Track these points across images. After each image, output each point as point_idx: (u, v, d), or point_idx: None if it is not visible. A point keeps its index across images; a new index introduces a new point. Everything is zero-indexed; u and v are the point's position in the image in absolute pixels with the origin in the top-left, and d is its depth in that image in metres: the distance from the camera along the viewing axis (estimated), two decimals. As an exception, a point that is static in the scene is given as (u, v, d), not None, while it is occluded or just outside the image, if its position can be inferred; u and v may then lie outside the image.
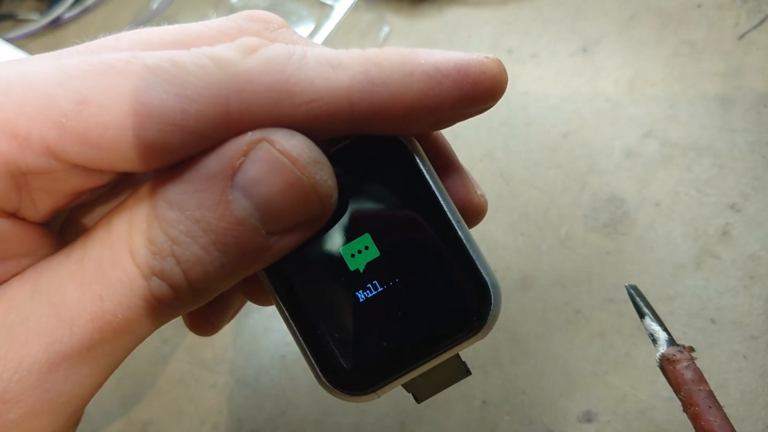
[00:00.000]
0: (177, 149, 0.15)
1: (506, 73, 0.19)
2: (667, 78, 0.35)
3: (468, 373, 0.19)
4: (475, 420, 0.28)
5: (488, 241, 0.32)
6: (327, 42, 0.39)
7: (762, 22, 0.35)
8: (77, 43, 0.17)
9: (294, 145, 0.15)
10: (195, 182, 0.15)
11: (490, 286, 0.18)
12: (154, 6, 0.43)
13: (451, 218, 0.18)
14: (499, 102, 0.29)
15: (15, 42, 0.50)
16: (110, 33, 0.18)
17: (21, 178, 0.15)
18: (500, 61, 0.19)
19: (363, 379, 0.18)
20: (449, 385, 0.19)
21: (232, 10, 0.44)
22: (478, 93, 0.18)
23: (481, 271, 0.19)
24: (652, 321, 0.21)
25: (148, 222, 0.15)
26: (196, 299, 0.15)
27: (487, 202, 0.20)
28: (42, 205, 0.16)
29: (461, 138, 0.36)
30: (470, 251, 0.19)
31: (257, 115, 0.16)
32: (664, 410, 0.26)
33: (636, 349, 0.28)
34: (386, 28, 0.42)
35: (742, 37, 0.35)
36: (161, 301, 0.15)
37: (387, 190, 0.18)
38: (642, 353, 0.27)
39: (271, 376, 0.30)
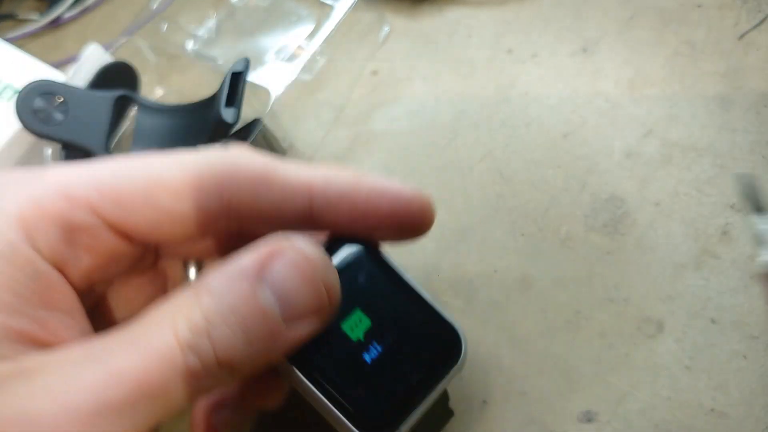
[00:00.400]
0: (189, 215, 0.20)
1: (431, 209, 0.23)
2: (667, 78, 0.35)
3: (452, 413, 0.25)
4: (475, 420, 0.28)
5: (488, 241, 0.32)
6: (327, 42, 0.39)
7: (762, 22, 0.35)
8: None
9: (312, 250, 0.20)
10: (231, 275, 0.19)
11: (457, 329, 0.23)
12: (154, 6, 0.43)
13: (415, 288, 0.23)
14: (498, 102, 0.31)
15: (15, 42, 0.50)
16: (111, 33, 0.21)
17: (70, 233, 0.19)
18: (430, 198, 0.23)
19: (387, 424, 0.22)
20: (439, 429, 0.25)
21: (231, 9, 0.44)
22: (409, 214, 0.22)
23: (448, 320, 0.23)
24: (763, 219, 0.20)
25: (190, 306, 0.18)
26: (223, 375, 0.18)
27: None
28: (84, 263, 0.20)
29: (461, 138, 0.36)
30: (436, 308, 0.23)
31: (243, 192, 0.21)
32: (664, 410, 0.26)
33: (636, 349, 0.28)
34: (386, 28, 0.42)
35: (742, 37, 0.35)
36: (193, 373, 0.18)
37: (365, 275, 0.23)
38: (642, 353, 0.27)
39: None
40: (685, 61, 0.35)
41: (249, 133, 0.35)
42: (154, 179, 0.20)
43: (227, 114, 0.34)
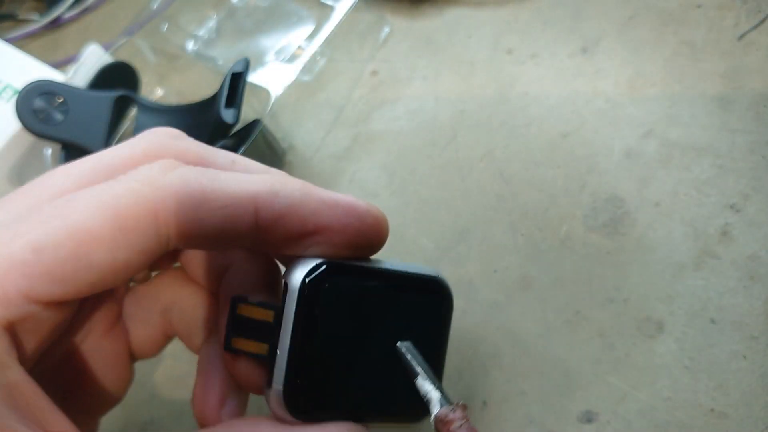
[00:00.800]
0: (126, 263, 0.19)
1: (386, 224, 0.22)
2: (666, 78, 0.35)
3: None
4: (475, 420, 0.28)
5: (488, 241, 0.32)
6: (327, 43, 0.39)
7: (762, 22, 0.35)
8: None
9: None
10: None
11: (439, 277, 0.23)
12: (154, 6, 0.43)
13: (388, 268, 0.23)
14: (498, 102, 0.31)
15: (15, 42, 0.50)
16: (111, 33, 0.20)
17: (12, 330, 0.18)
18: (381, 212, 0.22)
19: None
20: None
21: (232, 9, 0.45)
22: (362, 231, 0.21)
23: (427, 273, 0.23)
24: (424, 380, 0.21)
25: None
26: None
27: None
28: (31, 346, 0.19)
29: (461, 138, 0.36)
30: (411, 272, 0.23)
31: (180, 220, 0.19)
32: (664, 410, 0.26)
33: (636, 349, 0.28)
34: (386, 29, 0.42)
35: (741, 37, 0.35)
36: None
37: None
38: (642, 354, 0.27)
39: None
40: (685, 62, 0.35)
41: (249, 133, 0.35)
42: (80, 238, 0.18)
43: (227, 114, 0.34)
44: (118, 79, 0.41)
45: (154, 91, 0.44)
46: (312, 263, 0.21)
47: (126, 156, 0.21)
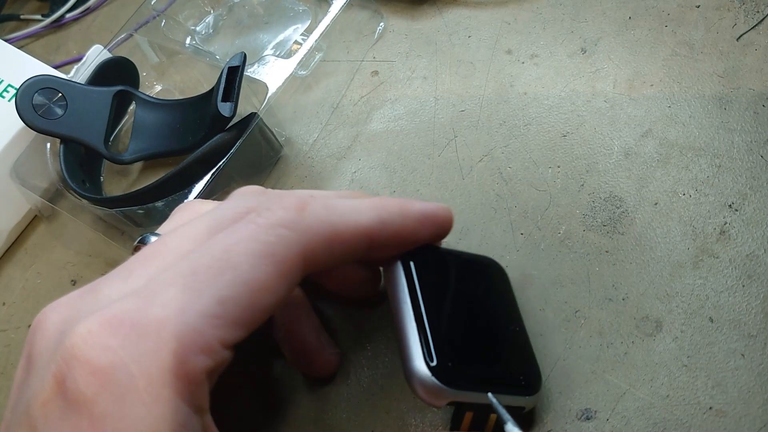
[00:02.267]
0: (286, 296, 0.22)
1: (452, 216, 0.27)
2: (665, 78, 0.35)
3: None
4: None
5: (487, 240, 0.32)
6: (323, 38, 0.39)
7: (760, 22, 0.35)
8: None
9: None
10: None
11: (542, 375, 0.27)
12: (153, 2, 0.43)
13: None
14: (498, 102, 0.32)
15: (17, 42, 0.51)
16: (112, 33, 0.20)
17: (211, 373, 0.20)
18: (451, 210, 0.27)
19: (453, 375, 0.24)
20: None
21: (230, 5, 0.45)
22: (442, 228, 0.27)
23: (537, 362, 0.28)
24: (514, 426, 0.23)
25: None
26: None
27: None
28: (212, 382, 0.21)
29: (461, 138, 0.36)
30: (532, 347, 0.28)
31: (320, 256, 0.22)
32: (662, 408, 0.26)
33: (634, 348, 0.28)
34: (382, 24, 0.42)
35: (740, 37, 0.35)
36: None
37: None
38: (641, 352, 0.28)
39: (272, 373, 0.31)
40: (684, 62, 0.35)
41: (245, 127, 0.35)
42: (252, 288, 0.20)
43: (224, 108, 0.34)
44: (117, 74, 0.41)
45: (153, 86, 0.44)
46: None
47: (233, 214, 0.23)
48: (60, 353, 0.19)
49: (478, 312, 0.27)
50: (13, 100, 0.38)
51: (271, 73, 0.37)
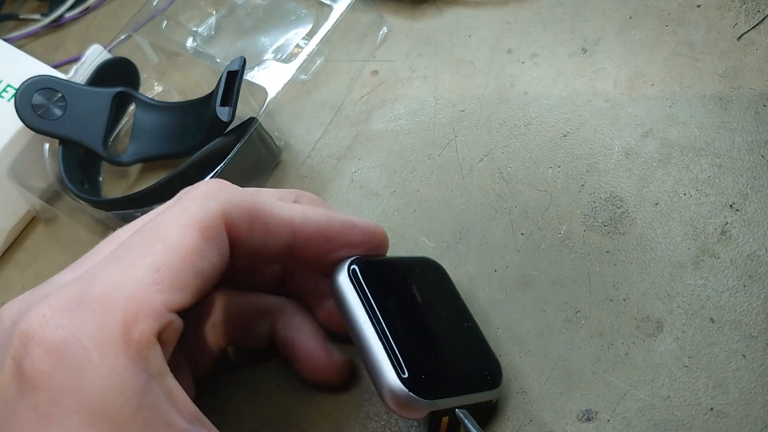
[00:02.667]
0: (216, 251, 0.23)
1: (386, 238, 0.28)
2: (666, 78, 0.35)
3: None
4: (475, 419, 0.28)
5: (487, 240, 0.32)
6: (325, 42, 0.39)
7: (761, 22, 0.35)
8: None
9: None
10: None
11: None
12: (155, 3, 0.43)
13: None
14: (498, 102, 0.33)
15: (16, 42, 0.50)
16: (111, 32, 0.21)
17: (160, 338, 0.21)
18: (383, 230, 0.28)
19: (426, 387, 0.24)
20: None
21: (231, 7, 0.45)
22: (372, 239, 0.27)
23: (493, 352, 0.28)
24: None
25: None
26: None
27: (343, 366, 0.29)
28: (167, 355, 0.22)
29: (461, 138, 0.36)
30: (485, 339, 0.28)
31: (240, 223, 0.24)
32: (663, 409, 0.26)
33: (635, 348, 0.28)
34: (384, 29, 0.42)
35: (741, 37, 0.35)
36: None
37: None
38: (641, 352, 0.27)
39: (272, 375, 0.31)
40: (684, 61, 0.35)
41: (244, 131, 0.35)
42: (183, 252, 0.22)
43: (222, 113, 0.34)
44: (117, 75, 0.41)
45: (153, 87, 0.44)
46: (347, 260, 0.26)
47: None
48: (15, 338, 0.20)
49: (430, 315, 0.27)
50: (12, 99, 0.38)
51: (271, 77, 0.37)
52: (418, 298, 0.27)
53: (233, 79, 0.35)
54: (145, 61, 0.43)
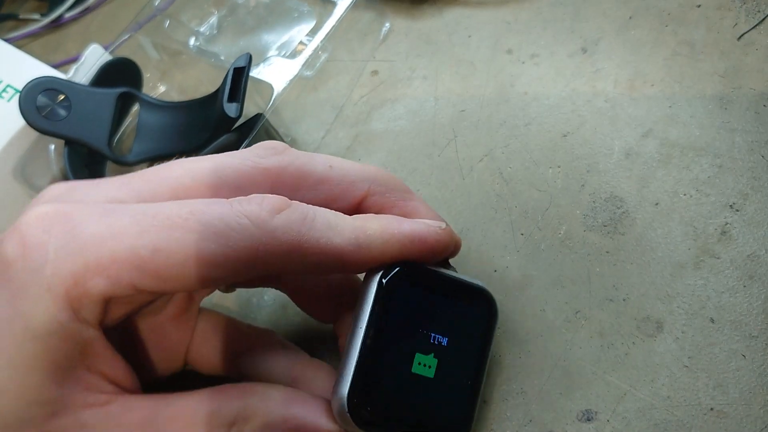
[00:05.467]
0: (217, 278, 0.21)
1: (453, 240, 0.26)
2: (666, 78, 0.35)
3: None
4: (475, 419, 0.28)
5: (487, 240, 0.32)
6: (329, 39, 0.39)
7: (761, 22, 0.35)
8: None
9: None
10: None
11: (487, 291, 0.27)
12: (156, 3, 0.43)
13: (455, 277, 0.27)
14: (498, 102, 0.32)
15: (16, 42, 0.50)
16: (111, 32, 0.21)
17: (107, 302, 0.21)
18: (449, 229, 0.26)
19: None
20: None
21: (233, 6, 0.45)
22: (432, 253, 0.25)
23: (478, 285, 0.27)
24: None
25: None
26: None
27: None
28: (116, 313, 0.23)
29: (461, 138, 0.36)
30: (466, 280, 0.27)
31: (276, 258, 0.22)
32: (663, 409, 0.26)
33: (635, 348, 0.28)
34: (387, 25, 0.42)
35: (741, 37, 0.35)
36: None
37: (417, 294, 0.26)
38: (641, 353, 0.27)
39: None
40: (684, 61, 0.35)
41: (251, 128, 0.35)
42: (193, 256, 0.21)
43: (230, 109, 0.34)
44: (120, 75, 0.41)
45: (156, 87, 0.44)
46: (392, 267, 0.24)
47: (244, 174, 0.24)
48: (19, 221, 0.22)
49: (432, 352, 0.25)
50: (12, 100, 0.38)
51: (276, 73, 0.37)
52: (432, 330, 0.25)
53: (240, 76, 0.35)
54: (147, 60, 0.43)
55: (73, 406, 0.21)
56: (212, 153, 0.34)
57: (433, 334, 0.25)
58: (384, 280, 0.24)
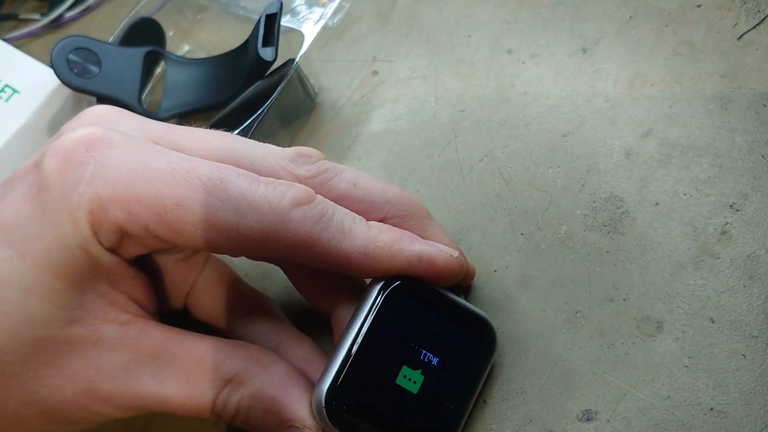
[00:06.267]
0: (224, 247, 0.23)
1: (464, 268, 0.27)
2: (666, 78, 0.35)
3: None
4: (475, 420, 0.28)
5: (487, 240, 0.32)
6: (329, 37, 0.39)
7: (761, 22, 0.35)
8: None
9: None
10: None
11: (489, 322, 0.28)
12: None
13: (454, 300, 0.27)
14: (498, 102, 0.32)
15: (15, 42, 0.50)
16: (111, 32, 0.22)
17: (123, 235, 0.23)
18: (461, 259, 0.26)
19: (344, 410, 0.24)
20: None
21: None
22: (439, 277, 0.26)
23: (480, 314, 0.28)
24: None
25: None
26: None
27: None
28: (131, 250, 0.24)
29: (461, 138, 0.36)
30: (469, 308, 0.28)
31: (284, 247, 0.23)
32: (663, 409, 0.26)
33: (635, 348, 0.28)
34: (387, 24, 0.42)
35: (741, 37, 0.35)
36: None
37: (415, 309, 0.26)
38: (641, 353, 0.27)
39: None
40: (685, 61, 0.35)
41: (284, 73, 0.36)
42: (210, 222, 0.22)
43: (265, 53, 0.35)
44: (145, 35, 0.42)
45: (180, 47, 0.45)
46: (395, 280, 0.25)
47: (274, 174, 0.25)
48: (59, 139, 0.23)
49: (422, 369, 0.25)
50: (11, 100, 0.38)
51: (304, 22, 0.38)
52: (424, 348, 0.25)
53: (272, 21, 0.35)
54: (168, 18, 0.43)
55: (93, 319, 0.22)
56: (247, 99, 0.35)
57: (424, 351, 0.25)
58: (384, 289, 0.25)
